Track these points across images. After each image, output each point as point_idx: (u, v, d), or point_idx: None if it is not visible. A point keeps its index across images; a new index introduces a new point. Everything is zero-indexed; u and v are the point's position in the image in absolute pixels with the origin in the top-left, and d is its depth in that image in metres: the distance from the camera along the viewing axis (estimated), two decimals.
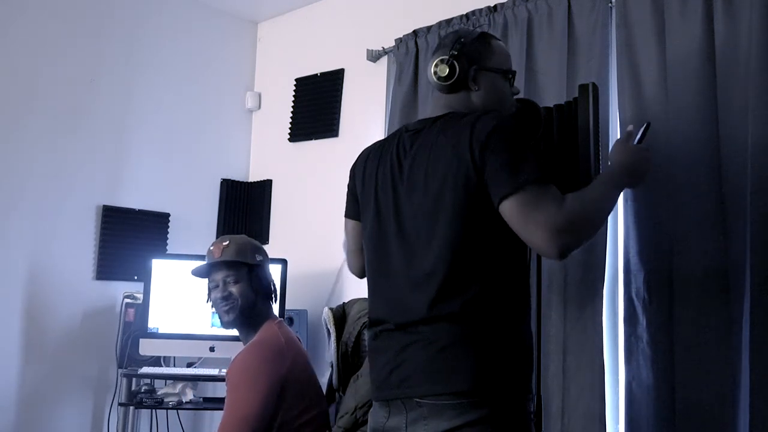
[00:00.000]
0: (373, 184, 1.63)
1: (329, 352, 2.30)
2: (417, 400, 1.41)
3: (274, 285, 2.25)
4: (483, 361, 1.40)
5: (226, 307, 2.13)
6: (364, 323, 2.15)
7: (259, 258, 2.19)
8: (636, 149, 1.71)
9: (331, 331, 2.27)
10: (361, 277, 1.78)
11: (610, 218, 2.30)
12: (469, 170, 1.43)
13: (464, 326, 1.41)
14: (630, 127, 1.83)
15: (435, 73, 1.59)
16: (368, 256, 1.64)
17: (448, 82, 1.59)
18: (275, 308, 2.28)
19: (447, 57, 1.59)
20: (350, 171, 1.76)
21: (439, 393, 1.39)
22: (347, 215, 1.76)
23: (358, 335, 2.22)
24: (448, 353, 1.40)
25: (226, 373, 2.06)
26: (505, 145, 1.42)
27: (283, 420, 2.00)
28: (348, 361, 2.23)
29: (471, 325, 1.41)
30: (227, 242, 2.16)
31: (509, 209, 1.39)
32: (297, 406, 2.04)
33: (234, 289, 2.13)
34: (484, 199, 1.43)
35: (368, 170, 1.66)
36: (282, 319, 2.28)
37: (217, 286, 2.15)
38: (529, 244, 1.41)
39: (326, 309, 2.33)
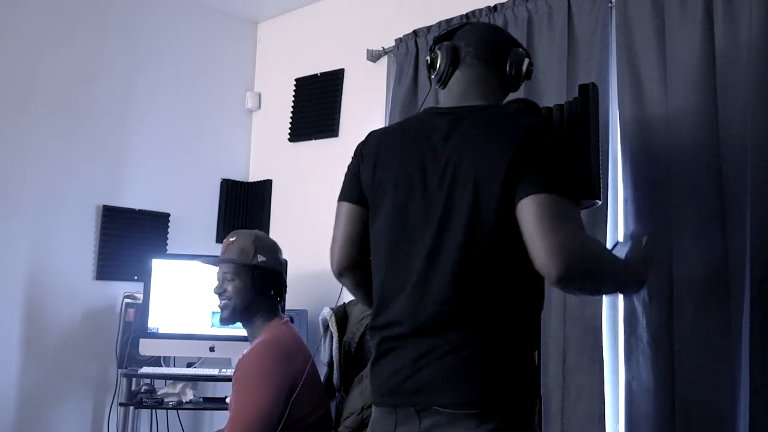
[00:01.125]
0: (393, 171, 1.48)
1: (324, 352, 2.30)
2: (436, 408, 1.36)
3: (281, 284, 2.23)
4: (501, 370, 1.36)
5: (221, 304, 2.13)
6: (367, 324, 2.14)
7: (261, 258, 2.16)
8: (650, 268, 1.71)
9: (333, 331, 2.27)
10: (340, 275, 1.65)
11: (610, 217, 2.31)
12: (515, 173, 1.34)
13: (486, 335, 1.36)
14: (644, 239, 1.72)
15: (528, 70, 1.59)
16: (384, 249, 1.49)
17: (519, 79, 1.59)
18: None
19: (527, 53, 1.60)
20: (356, 151, 1.61)
21: (460, 402, 1.34)
22: (345, 199, 1.60)
23: (362, 336, 2.22)
24: (470, 362, 1.35)
25: (234, 371, 2.04)
26: (556, 156, 1.36)
27: (292, 420, 1.98)
28: (350, 361, 2.23)
29: (492, 334, 1.37)
30: (234, 238, 2.16)
31: (530, 207, 1.31)
32: (306, 407, 2.02)
33: (229, 287, 2.11)
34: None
35: (384, 155, 1.52)
36: (288, 318, 2.27)
37: (218, 280, 2.15)
38: (533, 251, 1.31)
39: (327, 309, 2.32)
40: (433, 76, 1.59)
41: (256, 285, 2.13)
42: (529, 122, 1.42)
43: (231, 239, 2.16)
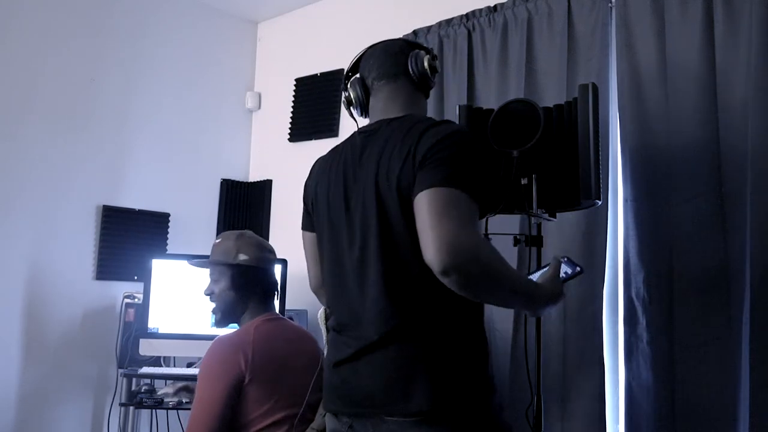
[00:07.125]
0: (325, 197, 1.56)
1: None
2: (386, 417, 1.36)
3: (268, 281, 2.18)
4: (438, 379, 1.34)
5: (212, 306, 2.12)
6: None
7: (242, 257, 2.09)
8: (561, 289, 1.47)
9: (322, 330, 2.24)
10: (317, 294, 1.76)
11: (610, 218, 2.31)
12: (411, 173, 1.35)
13: (428, 342, 1.36)
14: (564, 260, 1.52)
15: (431, 65, 1.57)
16: (326, 271, 1.58)
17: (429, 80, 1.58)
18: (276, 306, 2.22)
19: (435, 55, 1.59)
20: (306, 181, 1.72)
21: (407, 411, 1.34)
22: (303, 228, 1.71)
23: None
24: (415, 370, 1.35)
25: None
26: (451, 152, 1.34)
27: (245, 420, 1.94)
28: None
29: (435, 341, 1.36)
30: (219, 240, 2.15)
31: (425, 200, 1.28)
32: (260, 407, 1.94)
33: (216, 288, 2.10)
34: None
35: (321, 183, 1.61)
36: (279, 315, 2.21)
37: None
38: (422, 245, 1.27)
39: (322, 309, 2.31)
40: (355, 113, 1.66)
41: (237, 283, 2.10)
42: (429, 123, 1.42)
43: (217, 241, 2.15)
